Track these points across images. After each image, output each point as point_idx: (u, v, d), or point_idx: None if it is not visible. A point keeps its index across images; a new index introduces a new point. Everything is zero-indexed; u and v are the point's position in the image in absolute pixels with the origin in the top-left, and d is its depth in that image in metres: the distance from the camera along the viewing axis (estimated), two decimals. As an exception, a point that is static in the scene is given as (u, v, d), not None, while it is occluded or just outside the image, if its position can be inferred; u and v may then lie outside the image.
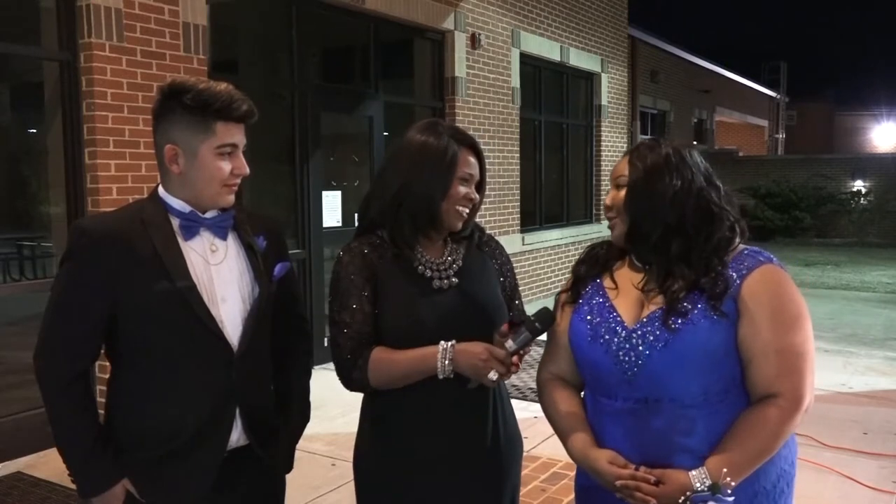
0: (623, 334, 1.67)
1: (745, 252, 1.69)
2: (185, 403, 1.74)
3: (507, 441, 1.94)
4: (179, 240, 1.76)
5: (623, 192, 1.71)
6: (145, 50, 4.75)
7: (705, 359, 1.60)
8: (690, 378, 1.61)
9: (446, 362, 1.74)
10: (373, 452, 1.90)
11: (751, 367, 1.62)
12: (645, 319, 1.66)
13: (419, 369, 1.77)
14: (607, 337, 1.69)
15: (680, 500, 1.53)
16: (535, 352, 5.28)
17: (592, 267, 1.83)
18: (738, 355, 1.63)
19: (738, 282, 1.63)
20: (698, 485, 1.54)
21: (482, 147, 1.96)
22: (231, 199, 1.81)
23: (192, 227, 1.78)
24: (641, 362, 1.63)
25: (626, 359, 1.65)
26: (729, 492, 1.50)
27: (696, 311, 1.61)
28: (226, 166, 1.76)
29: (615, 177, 1.76)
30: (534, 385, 5.76)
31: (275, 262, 1.90)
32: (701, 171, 1.71)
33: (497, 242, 2.08)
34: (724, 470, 1.52)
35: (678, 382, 1.61)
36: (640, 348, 1.64)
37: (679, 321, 1.61)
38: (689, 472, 1.56)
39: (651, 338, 1.63)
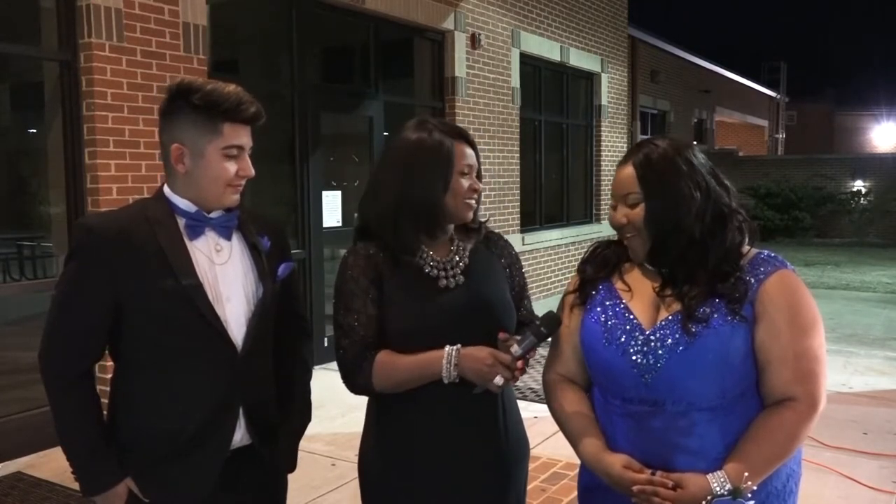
0: (641, 337, 1.65)
1: (761, 256, 1.68)
2: (189, 403, 1.74)
3: (513, 443, 1.93)
4: (185, 239, 1.76)
5: (638, 209, 1.66)
6: (145, 50, 4.76)
7: (724, 363, 1.59)
8: (708, 381, 1.60)
9: (451, 367, 1.72)
10: (378, 454, 1.89)
11: (768, 370, 1.61)
12: (663, 322, 1.64)
13: (424, 374, 1.76)
14: (623, 339, 1.67)
15: None
16: (538, 352, 5.24)
17: (600, 268, 1.80)
18: (753, 359, 1.62)
19: (755, 286, 1.62)
20: (718, 488, 1.52)
21: (479, 143, 1.94)
22: (236, 199, 1.81)
23: (197, 226, 1.78)
24: (660, 365, 1.61)
25: (644, 362, 1.63)
26: (749, 495, 1.49)
27: (716, 316, 1.60)
28: (231, 167, 1.76)
29: (623, 192, 1.69)
30: (534, 385, 5.73)
31: (278, 262, 1.90)
32: (708, 170, 1.69)
33: (506, 241, 2.06)
34: (746, 474, 1.50)
35: (696, 386, 1.60)
36: (660, 351, 1.62)
37: (699, 326, 1.59)
38: (708, 476, 1.54)
39: (670, 341, 1.62)
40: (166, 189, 1.81)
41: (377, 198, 1.88)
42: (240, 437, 1.81)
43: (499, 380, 1.69)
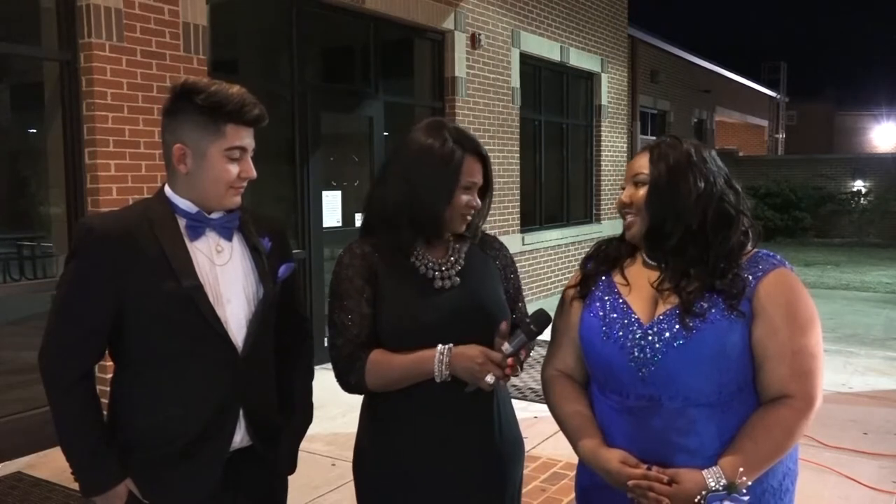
0: (639, 332, 1.66)
1: (760, 255, 1.69)
2: (190, 404, 1.74)
3: (508, 443, 1.93)
4: (185, 240, 1.76)
5: (643, 191, 1.70)
6: (145, 50, 4.76)
7: (721, 358, 1.60)
8: (705, 377, 1.60)
9: (443, 366, 1.73)
10: (373, 453, 1.89)
11: (765, 367, 1.62)
12: (661, 317, 1.65)
13: (416, 373, 1.76)
14: (622, 334, 1.68)
15: (696, 500, 1.52)
16: (537, 352, 5.27)
17: (601, 263, 1.81)
18: (750, 356, 1.62)
19: (753, 283, 1.63)
20: (713, 484, 1.52)
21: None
22: (237, 200, 1.81)
23: (198, 227, 1.78)
24: (658, 359, 1.62)
25: (641, 356, 1.64)
26: (745, 491, 1.49)
27: (713, 311, 1.61)
28: (233, 169, 1.76)
29: (633, 174, 1.73)
30: (534, 385, 5.74)
31: (279, 263, 1.89)
32: (722, 172, 1.71)
33: (501, 244, 2.06)
34: (741, 469, 1.51)
35: (693, 381, 1.61)
36: (658, 346, 1.62)
37: (696, 321, 1.60)
38: (703, 472, 1.55)
39: (668, 335, 1.62)
40: (167, 189, 1.81)
41: (382, 197, 1.87)
42: (240, 438, 1.81)
43: (490, 378, 1.69)
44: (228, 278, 1.79)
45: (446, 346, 1.74)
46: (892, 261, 14.28)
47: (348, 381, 1.82)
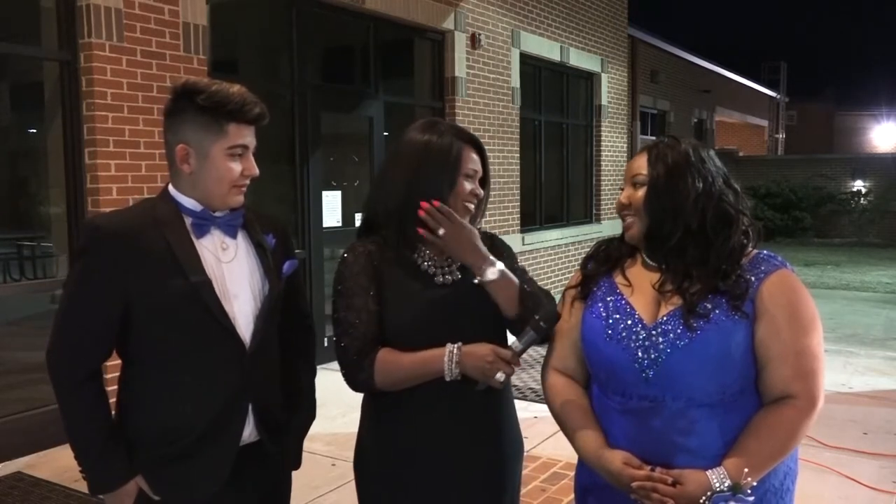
0: (643, 332, 1.66)
1: (761, 256, 1.69)
2: (198, 400, 1.75)
3: (508, 443, 1.93)
4: (192, 237, 1.77)
5: (641, 191, 1.69)
6: (145, 50, 4.76)
7: (726, 358, 1.59)
8: (709, 377, 1.60)
9: (453, 365, 1.73)
10: (374, 451, 1.90)
11: (768, 368, 1.62)
12: (665, 318, 1.65)
13: (426, 372, 1.76)
14: (625, 335, 1.68)
15: (701, 501, 1.52)
16: (537, 351, 5.28)
17: (602, 264, 1.81)
18: (753, 356, 1.62)
19: (756, 284, 1.63)
20: (718, 484, 1.52)
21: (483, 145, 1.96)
22: (240, 199, 1.82)
23: (203, 225, 1.79)
24: (662, 360, 1.62)
25: (646, 357, 1.64)
26: (749, 491, 1.49)
27: (717, 312, 1.60)
28: (236, 167, 1.77)
29: (632, 175, 1.73)
30: (534, 385, 5.74)
31: (283, 259, 1.91)
32: (720, 172, 1.71)
33: (502, 241, 2.07)
34: (746, 470, 1.51)
35: (697, 381, 1.60)
36: (662, 346, 1.62)
37: (701, 321, 1.60)
38: (707, 472, 1.54)
39: (672, 336, 1.62)
40: (171, 188, 1.82)
41: (385, 195, 1.89)
42: (248, 433, 1.82)
43: (500, 376, 1.70)
44: (235, 275, 1.81)
45: (455, 345, 1.74)
46: (892, 261, 14.29)
47: (357, 380, 1.81)
